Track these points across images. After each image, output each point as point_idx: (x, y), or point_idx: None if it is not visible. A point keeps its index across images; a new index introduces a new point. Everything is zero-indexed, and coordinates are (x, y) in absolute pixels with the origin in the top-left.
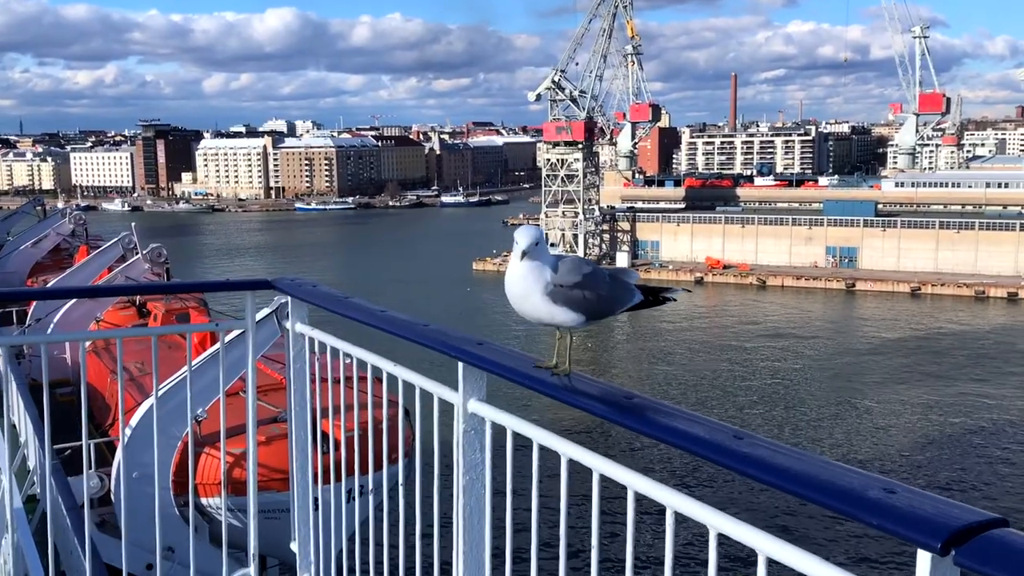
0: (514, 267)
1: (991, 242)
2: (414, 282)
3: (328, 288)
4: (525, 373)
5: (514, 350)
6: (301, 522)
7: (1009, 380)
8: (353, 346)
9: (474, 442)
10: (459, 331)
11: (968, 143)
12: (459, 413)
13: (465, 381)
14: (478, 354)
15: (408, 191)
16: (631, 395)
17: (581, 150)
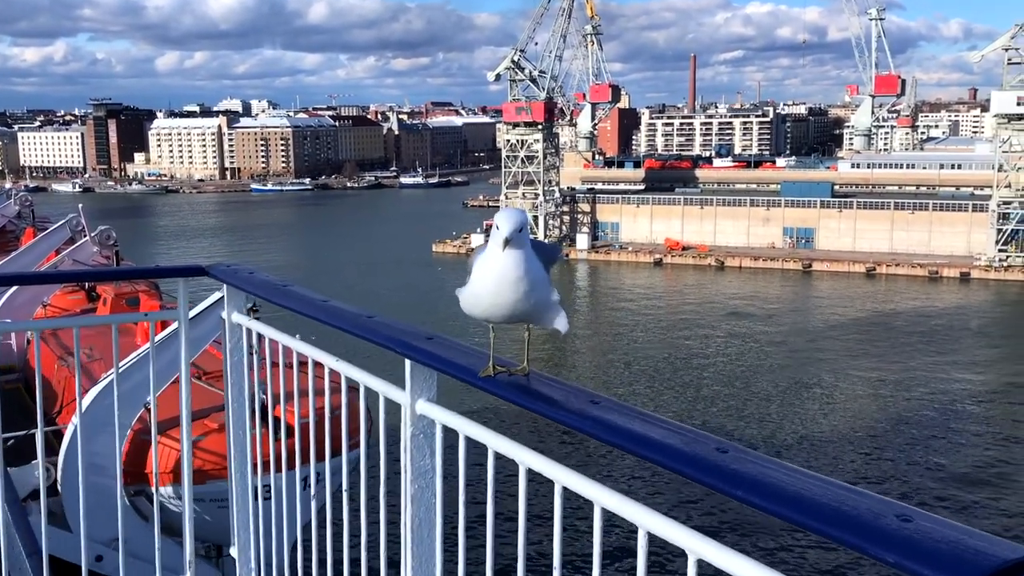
0: (495, 256)
1: (944, 223)
2: (373, 264)
3: (266, 275)
4: (478, 373)
5: (468, 346)
6: (241, 526)
7: (960, 358)
8: (294, 338)
9: (423, 447)
10: (407, 323)
11: (922, 125)
12: (406, 414)
13: (413, 380)
14: (427, 350)
15: (366, 172)
16: (597, 398)
17: (541, 131)
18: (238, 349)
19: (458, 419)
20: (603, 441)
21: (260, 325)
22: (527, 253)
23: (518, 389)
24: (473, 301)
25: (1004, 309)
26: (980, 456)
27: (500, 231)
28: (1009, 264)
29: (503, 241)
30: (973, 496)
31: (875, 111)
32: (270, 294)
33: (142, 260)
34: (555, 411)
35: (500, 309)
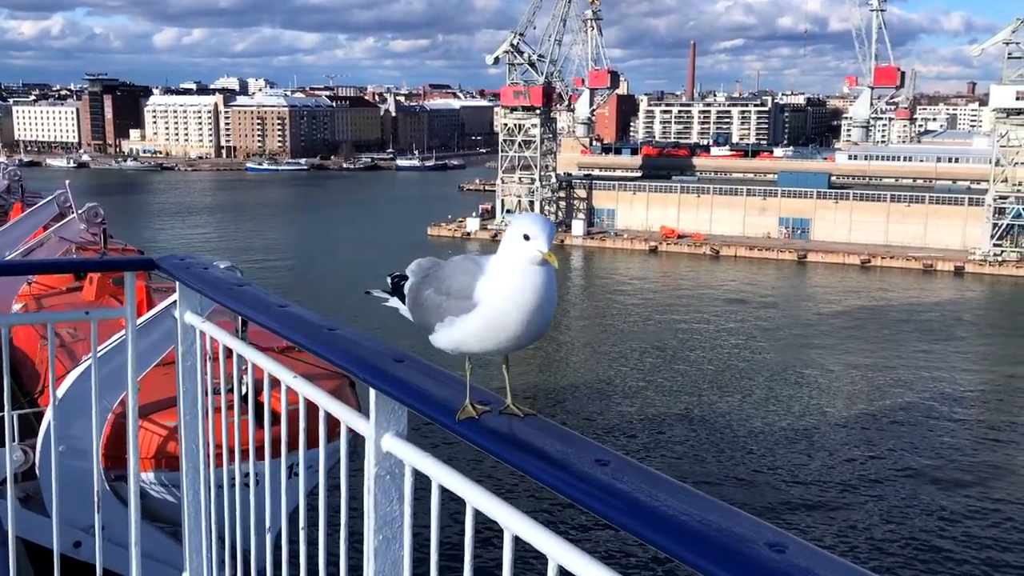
0: (533, 273)
1: (940, 216)
2: (366, 246)
3: (221, 272)
4: (455, 415)
5: (446, 371)
6: (193, 553)
7: (952, 351)
8: (249, 346)
9: (389, 490)
10: (375, 339)
11: (920, 118)
12: (370, 451)
13: (378, 410)
14: (395, 377)
15: (363, 153)
16: (605, 456)
17: (539, 116)
18: (191, 354)
19: (431, 463)
20: (606, 519)
21: (216, 329)
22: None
23: (501, 438)
24: (493, 334)
25: (997, 303)
26: (966, 449)
27: (534, 241)
28: (1003, 259)
29: (542, 254)
30: (954, 490)
31: (873, 103)
32: (221, 295)
33: (133, 238)
34: (545, 471)
35: (527, 339)
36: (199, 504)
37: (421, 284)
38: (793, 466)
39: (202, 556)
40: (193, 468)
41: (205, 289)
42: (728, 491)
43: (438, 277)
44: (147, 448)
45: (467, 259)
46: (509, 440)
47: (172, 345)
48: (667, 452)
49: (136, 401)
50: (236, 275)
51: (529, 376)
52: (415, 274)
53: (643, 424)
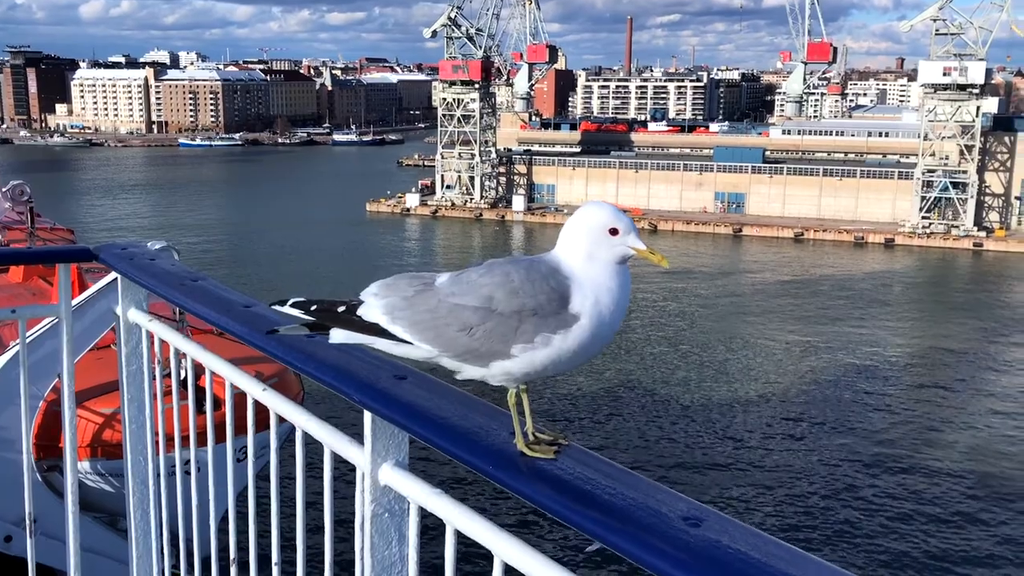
0: (617, 274)
1: (871, 190)
2: (305, 223)
3: (172, 263)
4: (484, 447)
5: (464, 392)
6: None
7: (885, 321)
8: (206, 351)
9: (388, 532)
10: (361, 348)
11: (851, 93)
12: (365, 483)
13: (375, 436)
14: (397, 398)
15: (298, 128)
16: (694, 512)
17: (478, 90)
18: (136, 356)
19: (444, 502)
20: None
21: (164, 328)
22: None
23: (562, 487)
24: (592, 348)
25: (926, 274)
26: (896, 414)
27: (626, 237)
28: (931, 231)
29: (638, 253)
30: (885, 454)
31: (807, 78)
32: (170, 291)
33: (63, 217)
34: (621, 534)
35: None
36: (145, 497)
37: (459, 307)
38: (728, 434)
39: (150, 548)
40: (141, 488)
41: (153, 285)
42: (660, 460)
43: (494, 295)
44: (82, 436)
45: (521, 264)
46: (571, 490)
47: (106, 330)
48: (603, 423)
49: (72, 394)
50: (173, 256)
51: None
52: (406, 296)
53: (581, 398)
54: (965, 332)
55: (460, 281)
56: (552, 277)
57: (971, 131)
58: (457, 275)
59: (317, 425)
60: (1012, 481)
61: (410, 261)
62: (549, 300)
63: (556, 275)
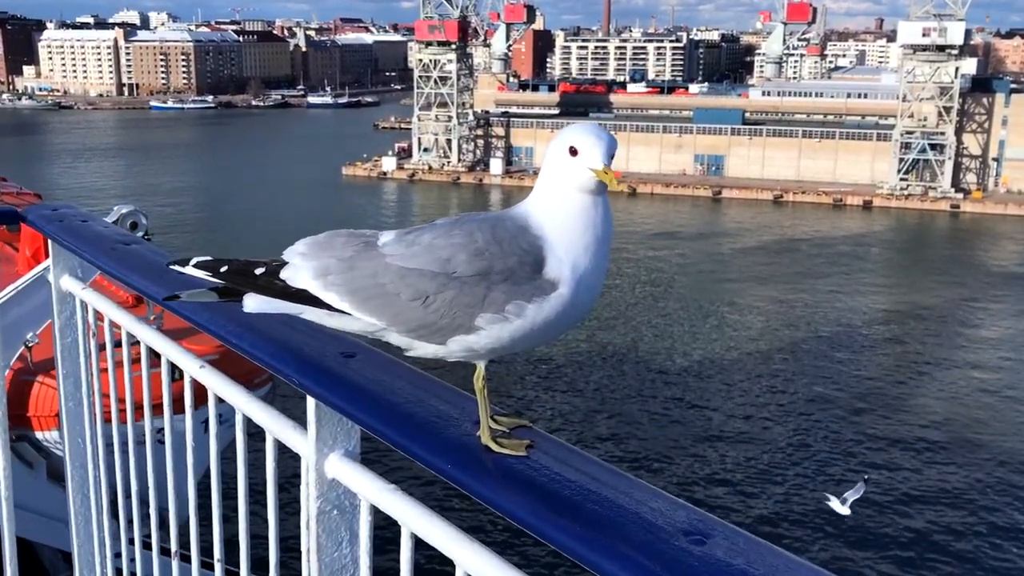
0: (604, 209)
1: (850, 151)
2: (279, 187)
3: (106, 225)
4: (442, 442)
5: (426, 374)
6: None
7: (862, 283)
8: (144, 324)
9: (338, 530)
10: (309, 322)
11: (831, 54)
12: (310, 476)
13: (320, 423)
14: (342, 381)
15: (272, 90)
16: (702, 530)
17: (454, 51)
18: (71, 328)
19: (398, 498)
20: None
21: (100, 299)
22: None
23: (523, 487)
24: (571, 317)
25: (904, 236)
26: (875, 375)
27: (584, 157)
28: (909, 192)
29: (595, 173)
30: (863, 415)
31: (786, 39)
32: (102, 257)
33: (33, 182)
34: (593, 548)
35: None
36: (85, 481)
37: (411, 272)
38: (708, 398)
39: (92, 534)
40: (80, 470)
41: (81, 249)
42: (641, 431)
43: (454, 257)
44: (51, 405)
45: (487, 222)
46: (547, 497)
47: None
48: (581, 390)
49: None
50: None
51: None
52: (343, 257)
53: (556, 364)
54: (942, 293)
55: (411, 241)
56: (522, 236)
57: (949, 92)
58: (405, 233)
59: (258, 408)
60: (987, 437)
61: (391, 224)
62: (521, 263)
63: (526, 234)
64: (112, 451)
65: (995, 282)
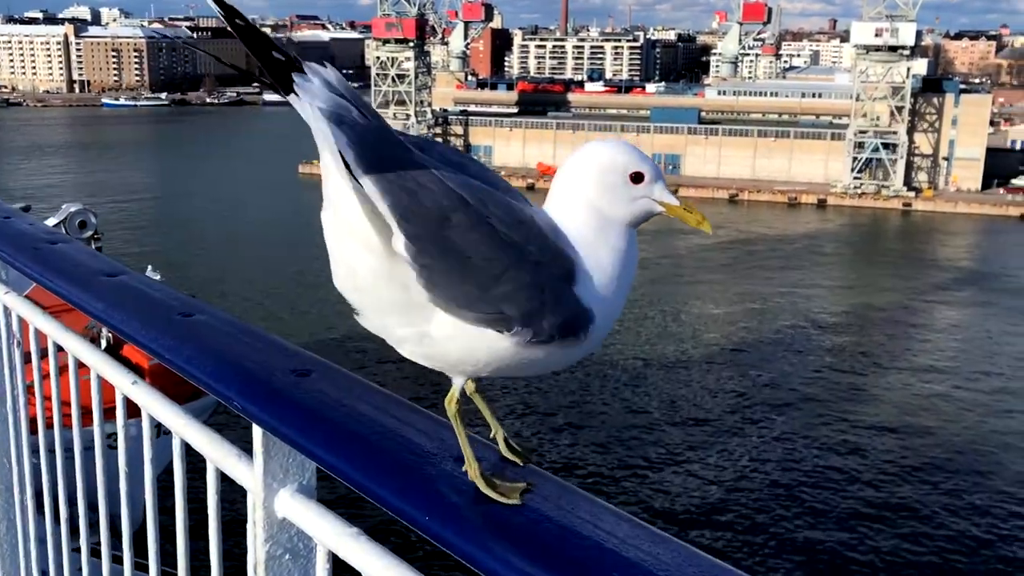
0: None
1: (804, 150)
2: (234, 185)
3: (32, 221)
4: (416, 486)
5: (395, 396)
6: None
7: (816, 280)
8: (74, 335)
9: (290, 574)
10: (258, 329)
11: (785, 54)
12: (257, 513)
13: (268, 454)
14: (293, 405)
15: (227, 87)
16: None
17: (412, 49)
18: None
19: (363, 545)
20: None
21: (24, 304)
22: None
23: (520, 546)
24: (567, 358)
25: (857, 233)
26: (830, 371)
27: (651, 187)
28: (863, 191)
29: (670, 209)
30: (819, 412)
31: (742, 39)
32: (18, 255)
33: None
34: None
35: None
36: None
37: (495, 230)
38: (665, 396)
39: (18, 564)
40: (6, 492)
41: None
42: (599, 431)
43: (533, 245)
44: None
45: (518, 202)
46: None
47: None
48: (541, 390)
49: None
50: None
51: None
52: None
53: None
54: (894, 288)
55: (497, 201)
56: (554, 235)
57: (901, 92)
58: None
59: (197, 432)
60: (936, 432)
61: None
62: (555, 264)
63: (563, 253)
64: (39, 473)
65: (945, 278)
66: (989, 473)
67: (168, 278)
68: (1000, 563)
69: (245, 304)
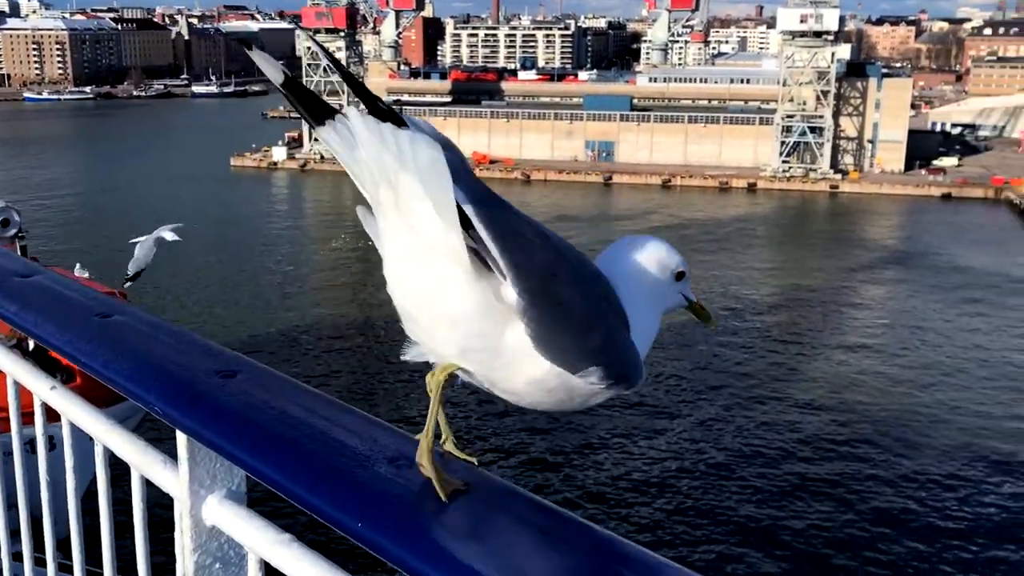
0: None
1: (734, 136)
2: (164, 180)
3: None
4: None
5: (328, 397)
6: None
7: (747, 262)
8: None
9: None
10: (181, 328)
11: (714, 40)
12: (184, 522)
13: (193, 460)
14: (218, 409)
15: (154, 80)
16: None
17: (343, 38)
18: None
19: (296, 552)
20: None
21: None
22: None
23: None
24: (581, 401)
25: (786, 216)
26: (760, 352)
27: (685, 285)
28: (791, 175)
29: (691, 306)
30: (749, 386)
31: (671, 26)
32: None
33: None
34: None
35: None
36: None
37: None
38: None
39: None
40: None
41: None
42: (536, 417)
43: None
44: None
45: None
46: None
47: None
48: None
49: None
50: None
51: (303, 311)
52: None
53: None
54: (823, 269)
55: (576, 255)
56: (622, 310)
57: (827, 77)
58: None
59: (120, 437)
60: (865, 407)
61: (281, 217)
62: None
63: (623, 309)
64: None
65: (872, 257)
66: (916, 445)
67: (96, 276)
68: (928, 531)
69: (173, 303)
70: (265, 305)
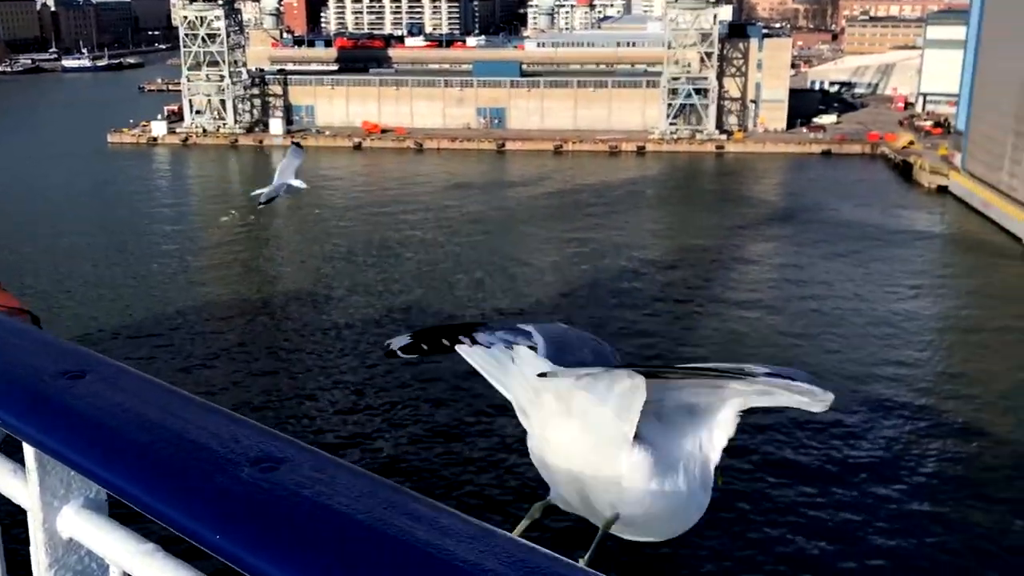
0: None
1: (622, 99)
2: (37, 159)
3: None
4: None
5: (195, 396)
6: None
7: (638, 224)
8: None
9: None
10: (27, 325)
11: (599, 4)
12: (37, 535)
13: (44, 470)
14: (68, 409)
15: (20, 54)
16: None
17: (221, 7)
18: None
19: (162, 562)
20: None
21: None
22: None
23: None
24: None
25: (675, 177)
26: (654, 310)
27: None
28: (678, 136)
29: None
30: (645, 343)
31: None
32: None
33: None
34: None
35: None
36: None
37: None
38: None
39: None
40: None
41: None
42: (432, 390)
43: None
44: None
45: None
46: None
47: None
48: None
49: None
50: None
51: (232, 286)
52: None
53: (352, 328)
54: (712, 227)
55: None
56: None
57: (710, 39)
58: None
59: None
60: (753, 358)
61: (163, 194)
62: None
63: None
64: None
65: (757, 213)
66: None
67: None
68: (814, 473)
69: (35, 295)
70: (147, 288)
